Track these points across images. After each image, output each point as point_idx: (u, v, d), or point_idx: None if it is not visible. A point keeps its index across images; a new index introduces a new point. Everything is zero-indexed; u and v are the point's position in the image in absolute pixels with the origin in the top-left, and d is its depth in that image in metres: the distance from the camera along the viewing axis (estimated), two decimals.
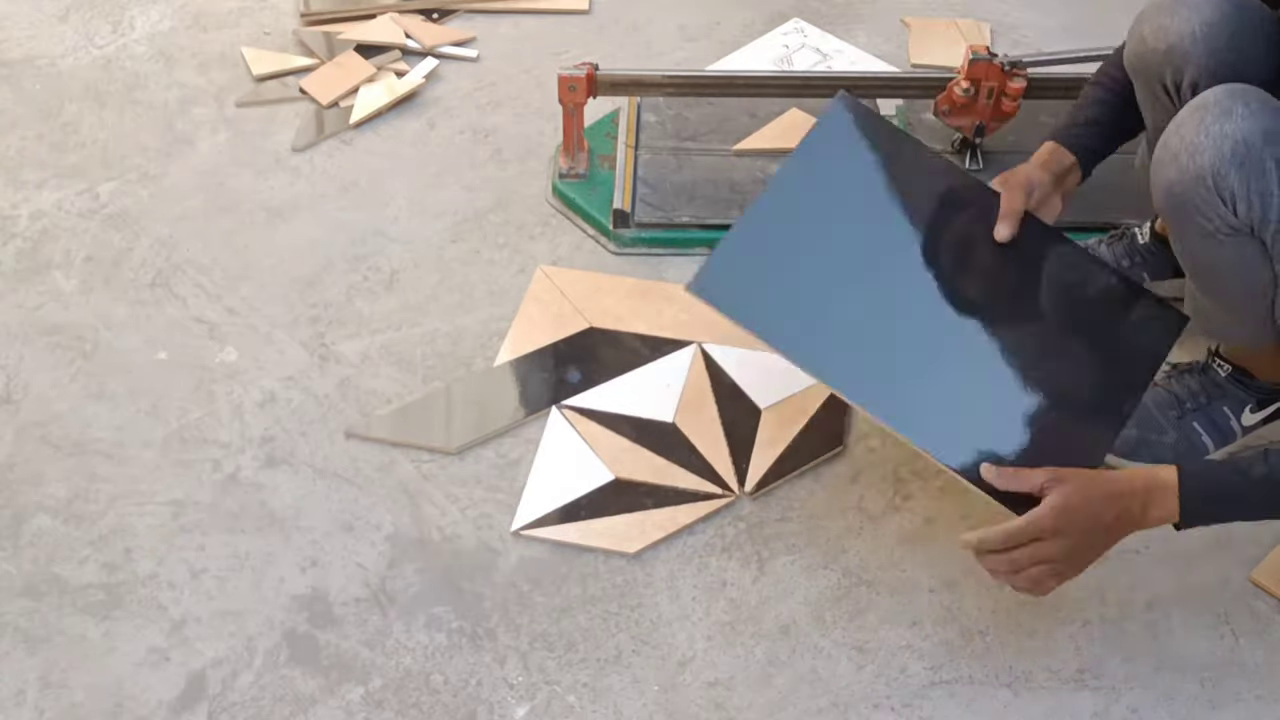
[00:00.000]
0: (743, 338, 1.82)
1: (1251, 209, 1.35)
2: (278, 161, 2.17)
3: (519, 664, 1.47)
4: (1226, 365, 1.66)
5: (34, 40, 2.44)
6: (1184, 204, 1.40)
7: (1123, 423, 1.42)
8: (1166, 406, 1.66)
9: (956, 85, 1.91)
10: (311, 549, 1.58)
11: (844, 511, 1.63)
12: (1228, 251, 1.41)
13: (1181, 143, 1.38)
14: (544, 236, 2.02)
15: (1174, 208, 1.41)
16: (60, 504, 1.63)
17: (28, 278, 1.95)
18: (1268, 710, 1.43)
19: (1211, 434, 1.66)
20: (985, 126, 1.97)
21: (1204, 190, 1.37)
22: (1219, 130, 1.35)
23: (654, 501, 1.62)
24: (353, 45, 2.38)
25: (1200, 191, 1.37)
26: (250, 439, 1.71)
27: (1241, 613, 1.51)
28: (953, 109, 1.94)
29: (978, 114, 1.94)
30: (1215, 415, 1.66)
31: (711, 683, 1.46)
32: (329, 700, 1.44)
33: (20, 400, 1.77)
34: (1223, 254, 1.42)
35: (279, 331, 1.86)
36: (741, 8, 2.51)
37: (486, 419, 1.73)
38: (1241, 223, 1.37)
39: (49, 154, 2.19)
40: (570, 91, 1.97)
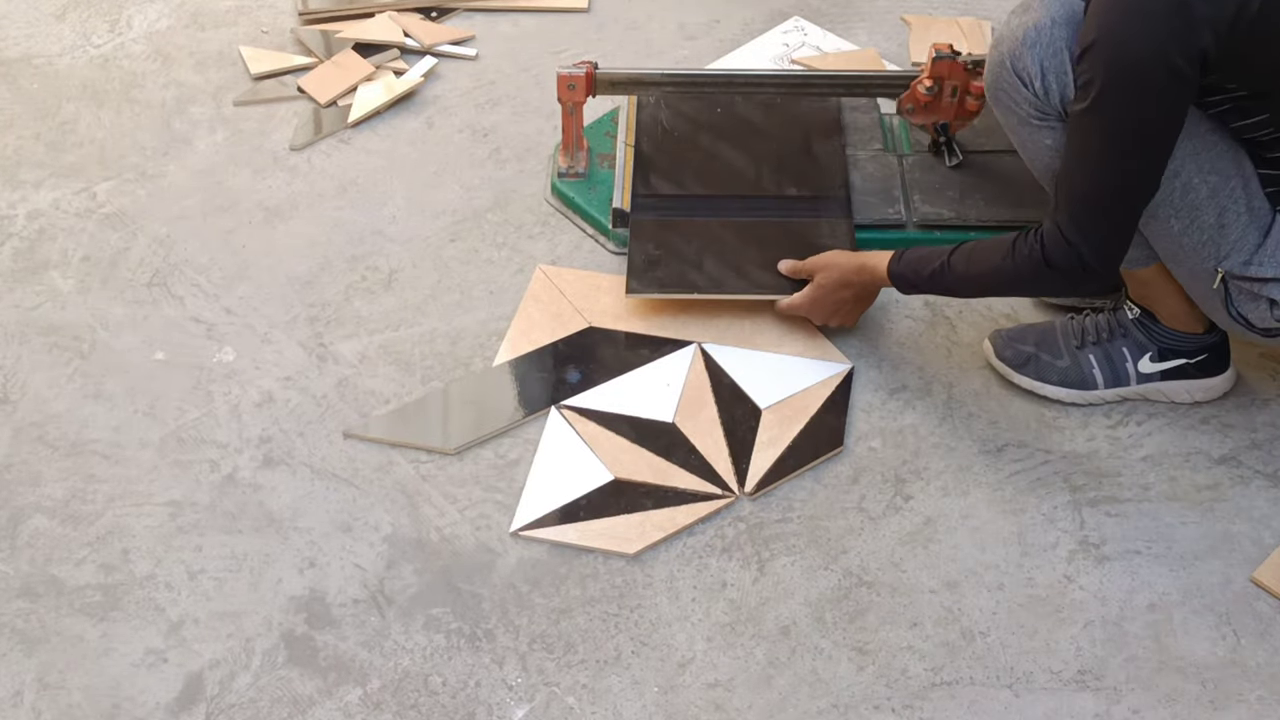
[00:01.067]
0: (743, 337, 1.82)
1: (1048, 86, 1.51)
2: (276, 161, 2.16)
3: (518, 665, 1.47)
4: (1136, 308, 1.72)
5: (31, 39, 2.43)
6: (996, 92, 1.58)
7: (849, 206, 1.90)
8: (1070, 335, 1.75)
9: (920, 84, 1.91)
10: (309, 550, 1.58)
11: (844, 512, 1.62)
12: (1047, 139, 1.56)
13: (994, 39, 1.58)
14: (543, 236, 2.01)
15: (992, 99, 1.60)
16: (57, 504, 1.63)
17: (25, 277, 1.95)
18: (1270, 711, 1.42)
19: (1104, 369, 1.72)
20: (949, 125, 1.97)
21: (1006, 74, 1.54)
22: (1018, 21, 1.53)
23: (653, 502, 1.62)
24: (351, 44, 2.38)
25: (1005, 76, 1.55)
26: (248, 439, 1.71)
27: (1243, 614, 1.51)
28: (916, 107, 1.94)
29: (942, 112, 1.95)
30: (1113, 353, 1.72)
31: (711, 684, 1.45)
32: (327, 702, 1.43)
33: (18, 400, 1.76)
34: (1044, 141, 1.56)
35: (277, 331, 1.86)
36: (741, 6, 2.50)
37: (485, 419, 1.72)
38: (1044, 102, 1.53)
39: (46, 153, 2.18)
40: (569, 90, 1.97)
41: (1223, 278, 1.54)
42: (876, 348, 1.83)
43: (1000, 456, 1.68)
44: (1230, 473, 1.66)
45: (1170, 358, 1.70)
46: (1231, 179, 1.50)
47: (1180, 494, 1.64)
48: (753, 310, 1.86)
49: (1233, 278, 1.54)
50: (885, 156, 2.06)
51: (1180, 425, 1.72)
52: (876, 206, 1.98)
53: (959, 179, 2.00)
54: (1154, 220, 1.54)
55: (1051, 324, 1.76)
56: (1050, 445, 1.70)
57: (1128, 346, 1.71)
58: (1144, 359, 1.71)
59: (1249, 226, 1.51)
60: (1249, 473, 1.66)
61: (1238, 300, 1.55)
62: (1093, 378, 1.72)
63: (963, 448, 1.69)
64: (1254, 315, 1.55)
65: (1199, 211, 1.51)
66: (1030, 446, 1.69)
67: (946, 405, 1.75)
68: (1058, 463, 1.67)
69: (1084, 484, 1.65)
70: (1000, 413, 1.74)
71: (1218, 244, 1.52)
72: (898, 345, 1.83)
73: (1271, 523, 1.60)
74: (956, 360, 1.81)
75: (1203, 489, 1.64)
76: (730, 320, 1.85)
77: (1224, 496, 1.63)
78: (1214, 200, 1.50)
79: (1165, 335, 1.70)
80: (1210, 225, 1.52)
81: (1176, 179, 1.50)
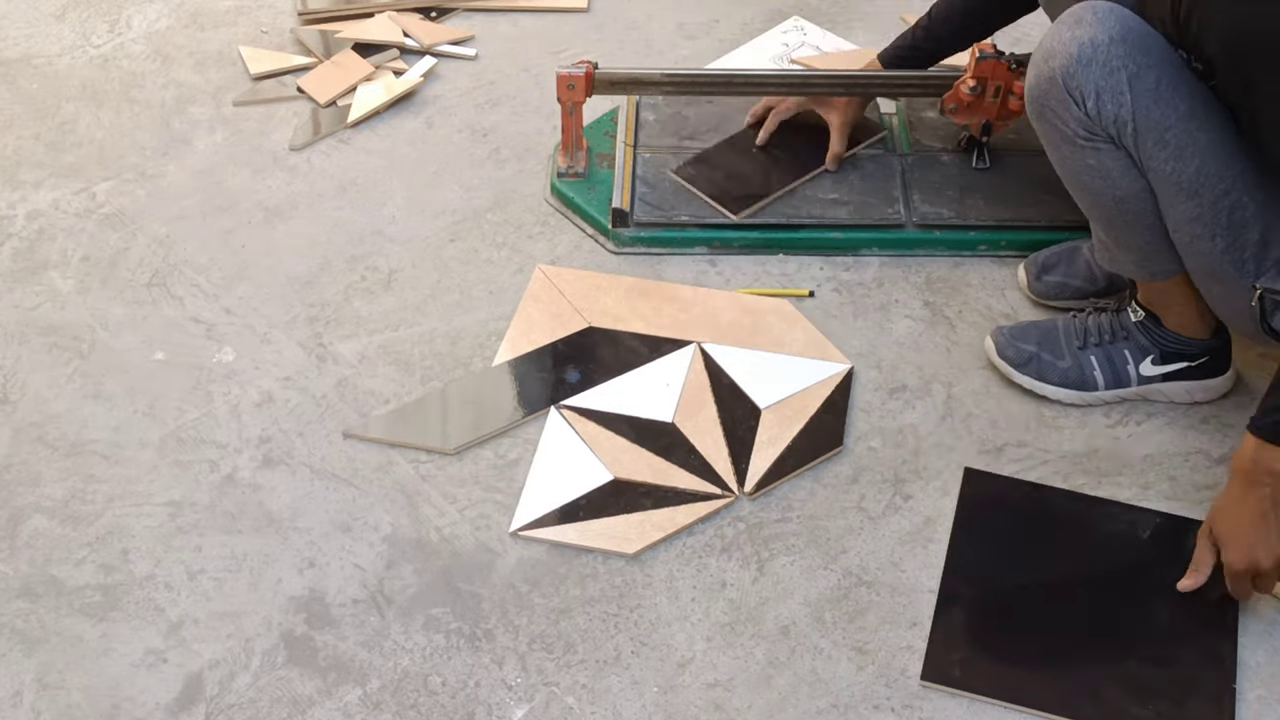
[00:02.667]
0: (742, 337, 1.82)
1: (1102, 106, 1.47)
2: (275, 161, 2.16)
3: (517, 665, 1.47)
4: (1140, 310, 1.71)
5: (31, 39, 2.43)
6: (1042, 107, 1.53)
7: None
8: (1072, 335, 1.74)
9: (964, 83, 1.91)
10: (309, 550, 1.58)
11: (844, 512, 1.62)
12: (1090, 159, 1.53)
13: (1040, 51, 1.52)
14: (543, 236, 2.01)
15: (1035, 113, 1.56)
16: (57, 505, 1.63)
17: (24, 278, 1.95)
18: (1269, 710, 1.42)
19: (1105, 370, 1.71)
20: (992, 125, 1.97)
21: (1057, 91, 1.50)
22: (1070, 35, 1.48)
23: (653, 502, 1.62)
24: (350, 44, 2.38)
25: (1054, 92, 1.50)
26: (248, 439, 1.71)
27: (1243, 612, 1.51)
28: (959, 107, 1.94)
29: (984, 112, 1.94)
30: (1114, 355, 1.71)
31: (711, 684, 1.45)
32: (326, 702, 1.43)
33: (17, 400, 1.76)
34: (1087, 162, 1.54)
35: (276, 331, 1.86)
36: (741, 6, 2.50)
37: (485, 419, 1.72)
38: (1094, 123, 1.48)
39: (46, 153, 2.18)
40: (569, 90, 1.97)
41: (1260, 294, 1.52)
42: (876, 348, 1.82)
43: (1000, 456, 1.68)
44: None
45: (1173, 360, 1.70)
46: (1274, 194, 1.49)
47: (1180, 493, 1.64)
48: (753, 310, 1.86)
49: (1270, 292, 1.52)
50: (885, 156, 2.06)
51: (1180, 425, 1.72)
52: (876, 206, 1.98)
53: (959, 179, 2.00)
54: (1198, 240, 1.52)
55: (1054, 323, 1.76)
56: (1049, 445, 1.70)
57: (1130, 349, 1.71)
58: (1146, 361, 1.71)
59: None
60: None
61: (1272, 316, 1.53)
62: (1093, 379, 1.72)
63: (962, 447, 1.69)
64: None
65: (1244, 230, 1.50)
66: (1030, 446, 1.69)
67: (946, 405, 1.75)
68: (1057, 462, 1.67)
69: (1083, 483, 1.65)
70: (999, 412, 1.74)
71: (1259, 261, 1.51)
72: (897, 345, 1.83)
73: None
74: (956, 360, 1.81)
75: (1202, 488, 1.64)
76: (730, 320, 1.85)
77: None
78: (1259, 218, 1.49)
79: (1169, 339, 1.69)
80: (1254, 243, 1.50)
81: (1226, 198, 1.48)
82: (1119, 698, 1.42)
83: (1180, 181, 1.49)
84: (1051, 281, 1.85)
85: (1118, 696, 1.42)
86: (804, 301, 1.89)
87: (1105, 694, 1.43)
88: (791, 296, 1.89)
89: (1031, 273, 1.87)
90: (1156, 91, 1.46)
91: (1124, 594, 1.52)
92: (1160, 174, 1.50)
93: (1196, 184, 1.48)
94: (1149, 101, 1.46)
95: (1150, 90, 1.46)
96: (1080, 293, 1.83)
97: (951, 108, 1.95)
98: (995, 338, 1.77)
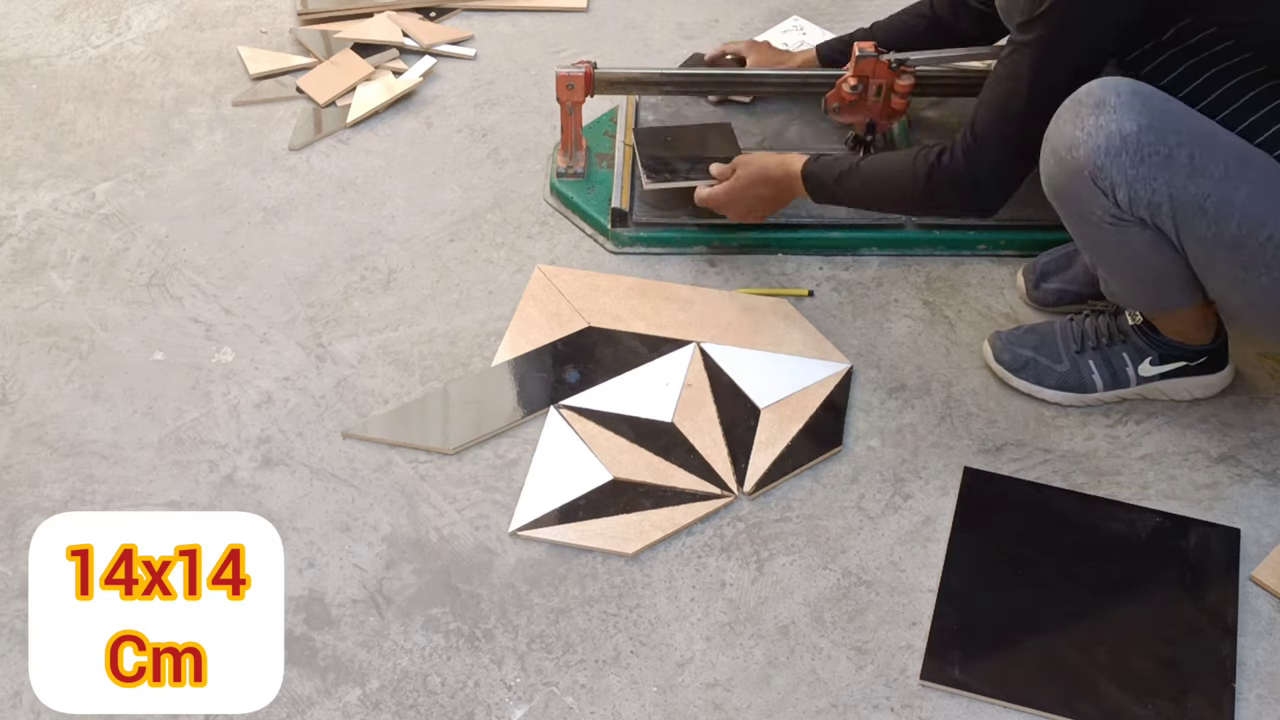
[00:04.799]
0: (741, 336, 1.82)
1: (1134, 195, 1.43)
2: (274, 161, 2.16)
3: (517, 665, 1.47)
4: (1137, 315, 1.70)
5: (30, 40, 2.43)
6: (1067, 197, 1.50)
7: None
8: (1069, 339, 1.73)
9: (844, 82, 1.92)
10: (308, 550, 1.58)
11: (843, 511, 1.62)
12: (1115, 238, 1.50)
13: (1060, 138, 1.46)
14: (542, 236, 2.01)
15: (1058, 201, 1.52)
16: (57, 505, 1.63)
17: (24, 278, 1.95)
18: (1269, 710, 1.42)
19: (1104, 373, 1.71)
20: (876, 124, 1.97)
21: (1083, 183, 1.45)
22: (1094, 124, 1.43)
23: (652, 502, 1.61)
24: (350, 44, 2.38)
25: (1080, 184, 1.46)
26: (247, 440, 1.71)
27: (1242, 611, 1.51)
28: (842, 106, 1.95)
29: (868, 111, 1.95)
30: (1112, 358, 1.71)
31: (710, 684, 1.45)
32: (326, 702, 1.43)
33: (16, 401, 1.76)
34: (1110, 240, 1.51)
35: (276, 332, 1.86)
36: (740, 5, 2.50)
37: (484, 419, 1.72)
38: (1125, 211, 1.45)
39: (45, 154, 2.18)
40: (568, 90, 1.96)
41: None
42: (875, 347, 1.82)
43: (999, 455, 1.68)
44: (1229, 471, 1.66)
45: (1171, 361, 1.70)
46: None
47: (1179, 492, 1.64)
48: (752, 310, 1.86)
49: None
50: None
51: (1179, 424, 1.72)
52: None
53: None
54: (1242, 283, 1.49)
55: (1051, 326, 1.76)
56: (1049, 444, 1.70)
57: (1128, 351, 1.70)
58: (1144, 363, 1.70)
59: None
60: (1248, 471, 1.66)
61: None
62: (1092, 382, 1.72)
63: (961, 447, 1.69)
64: None
65: None
66: (1029, 445, 1.69)
67: (945, 404, 1.75)
68: (1056, 462, 1.67)
69: (1083, 483, 1.64)
70: (999, 412, 1.74)
71: None
72: (896, 345, 1.83)
73: (1270, 521, 1.60)
74: (955, 359, 1.81)
75: (1201, 488, 1.64)
76: (729, 320, 1.85)
77: (1223, 495, 1.63)
78: None
79: (1167, 344, 1.69)
80: None
81: (1270, 241, 1.43)
82: (1118, 697, 1.42)
83: (1222, 241, 1.45)
84: (1050, 289, 1.85)
85: (1117, 696, 1.42)
86: (803, 301, 1.89)
87: (1104, 693, 1.43)
88: (791, 296, 1.90)
89: (1030, 280, 1.87)
90: (1191, 166, 1.42)
91: (1123, 593, 1.52)
92: (1202, 240, 1.46)
93: (1239, 237, 1.44)
94: (1184, 180, 1.42)
95: (1184, 167, 1.42)
96: (1079, 298, 1.83)
97: (835, 107, 1.96)
98: (992, 342, 1.77)
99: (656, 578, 1.55)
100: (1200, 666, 1.45)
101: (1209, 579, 1.53)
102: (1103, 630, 1.48)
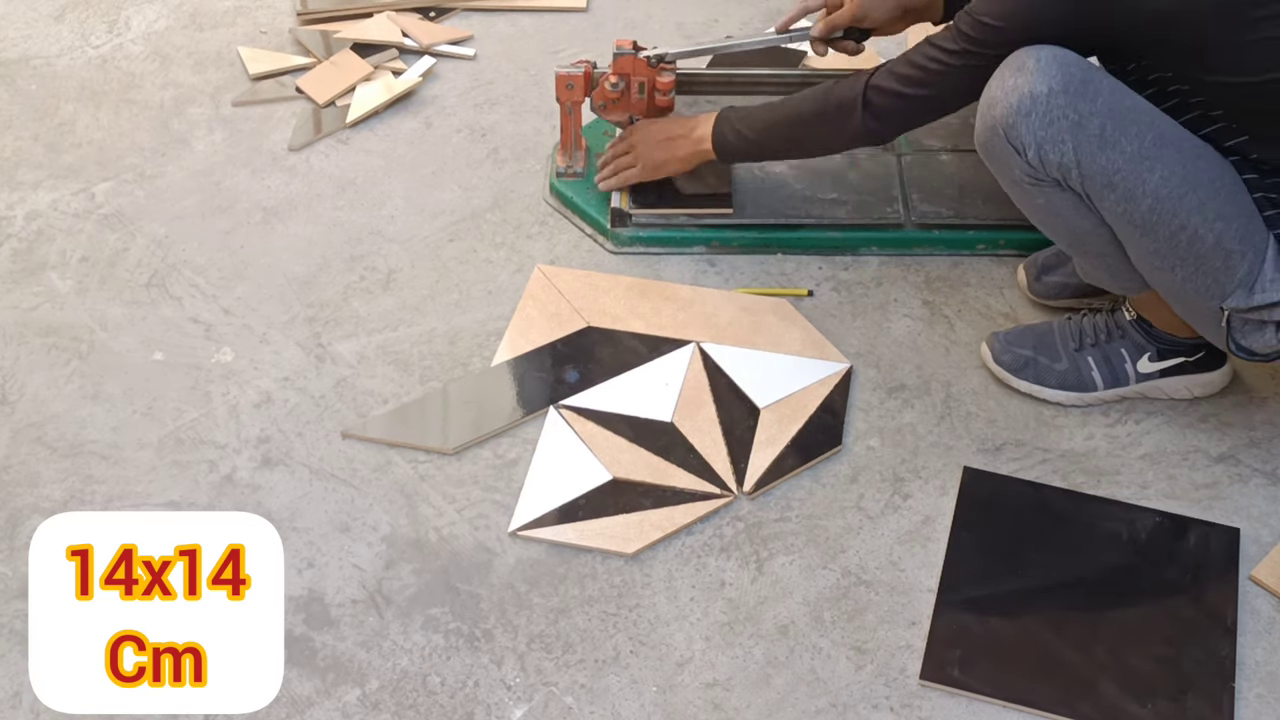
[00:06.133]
0: (741, 336, 1.82)
1: (1044, 157, 1.47)
2: (274, 161, 2.16)
3: (516, 665, 1.47)
4: (1133, 310, 1.71)
5: (29, 40, 2.43)
6: (989, 154, 1.54)
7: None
8: (1068, 337, 1.74)
9: (606, 80, 1.92)
10: (308, 550, 1.58)
11: (843, 511, 1.62)
12: (1040, 199, 1.54)
13: (987, 95, 1.51)
14: (541, 235, 2.01)
15: (984, 156, 1.56)
16: (56, 505, 1.63)
17: (23, 278, 1.95)
18: (1269, 710, 1.42)
19: (1103, 370, 1.71)
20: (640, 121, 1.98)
21: (999, 140, 1.50)
22: (1011, 84, 1.47)
23: (652, 501, 1.62)
24: (349, 44, 2.38)
25: (997, 141, 1.50)
26: (246, 440, 1.71)
27: (1242, 611, 1.51)
28: (608, 104, 1.95)
29: (633, 108, 1.96)
30: (1111, 354, 1.71)
31: (710, 683, 1.45)
32: (325, 702, 1.43)
33: (16, 401, 1.76)
34: (1037, 201, 1.55)
35: (275, 332, 1.86)
36: (739, 5, 2.50)
37: (484, 419, 1.72)
38: (1038, 170, 1.49)
39: (44, 154, 2.18)
40: (568, 90, 1.97)
41: (1228, 316, 1.52)
42: (875, 347, 1.83)
43: (999, 455, 1.68)
44: (1229, 471, 1.66)
45: (1169, 357, 1.70)
46: (1234, 220, 1.48)
47: (1179, 492, 1.64)
48: (751, 309, 1.86)
49: (1237, 313, 1.52)
50: (884, 156, 2.06)
51: (1179, 423, 1.72)
52: (875, 206, 1.98)
53: (958, 178, 2.00)
54: (1157, 270, 1.53)
55: (1049, 326, 1.76)
56: (1049, 444, 1.70)
57: (1126, 348, 1.71)
58: (1143, 359, 1.71)
59: (1252, 261, 1.49)
60: (1247, 471, 1.66)
61: (1240, 332, 1.53)
62: (1092, 380, 1.72)
63: (961, 446, 1.69)
64: (1258, 344, 1.54)
65: (1204, 259, 1.49)
66: (1029, 445, 1.69)
67: (945, 404, 1.75)
68: (1056, 461, 1.67)
69: (1082, 482, 1.65)
70: (998, 411, 1.74)
71: (1222, 285, 1.50)
72: (896, 344, 1.83)
73: (1270, 521, 1.60)
74: (955, 359, 1.81)
75: (1201, 487, 1.64)
76: (729, 319, 1.85)
77: (1222, 495, 1.63)
78: (1219, 246, 1.48)
79: (1162, 339, 1.69)
80: (1215, 269, 1.49)
81: (1183, 232, 1.47)
82: (1117, 696, 1.42)
83: (1133, 220, 1.49)
84: (1051, 282, 1.85)
85: (1116, 695, 1.42)
86: (803, 301, 1.89)
87: (1104, 693, 1.43)
88: (790, 296, 1.90)
89: (1031, 274, 1.87)
90: (1101, 138, 1.45)
91: (1122, 593, 1.52)
92: (1113, 214, 1.50)
93: (1150, 222, 1.47)
94: (1093, 149, 1.45)
95: (1094, 138, 1.45)
96: (1080, 291, 1.83)
97: (600, 105, 1.96)
98: (991, 343, 1.77)
99: (656, 577, 1.55)
100: (1200, 666, 1.45)
101: (1208, 578, 1.53)
102: (1102, 629, 1.48)
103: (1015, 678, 1.44)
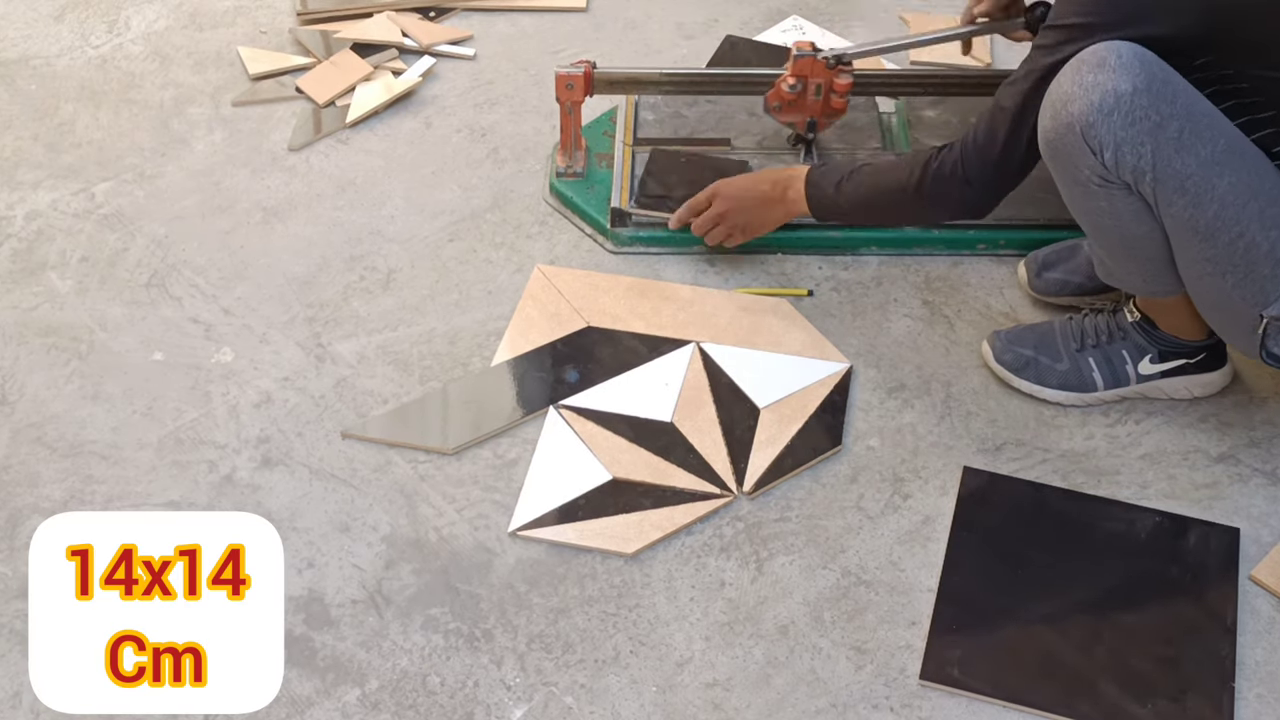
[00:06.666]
0: (741, 336, 1.82)
1: (1121, 158, 1.43)
2: (274, 161, 2.16)
3: (516, 665, 1.47)
4: (1136, 311, 1.70)
5: (29, 40, 2.43)
6: (1057, 152, 1.49)
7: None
8: (1069, 337, 1.73)
9: (784, 81, 1.92)
10: (308, 550, 1.58)
11: (843, 511, 1.62)
12: (1103, 202, 1.50)
13: (1059, 93, 1.46)
14: (541, 235, 2.01)
15: (1050, 156, 1.51)
16: (56, 505, 1.63)
17: (23, 278, 1.95)
18: (1269, 709, 1.42)
19: (1104, 371, 1.71)
20: (817, 123, 1.98)
21: (1074, 139, 1.45)
22: (1091, 80, 1.42)
23: (652, 501, 1.62)
24: (349, 44, 2.38)
25: (1070, 140, 1.45)
26: (246, 440, 1.71)
27: (1242, 611, 1.51)
28: (783, 105, 1.95)
29: (808, 110, 1.95)
30: (1112, 355, 1.71)
31: (710, 683, 1.45)
32: (325, 702, 1.43)
33: (15, 401, 1.76)
34: (1098, 204, 1.51)
35: (275, 332, 1.86)
36: (739, 5, 2.50)
37: (484, 419, 1.72)
38: (1111, 173, 1.45)
39: (44, 154, 2.18)
40: (568, 90, 1.96)
41: (1266, 323, 1.50)
42: (875, 347, 1.82)
43: (999, 455, 1.68)
44: (1229, 471, 1.66)
45: (1170, 359, 1.70)
46: None
47: (1179, 492, 1.64)
48: (751, 309, 1.86)
49: (1275, 320, 1.50)
50: (884, 155, 2.06)
51: (1179, 423, 1.72)
52: None
53: None
54: (1206, 276, 1.51)
55: (1050, 325, 1.76)
56: (1049, 444, 1.70)
57: (1127, 349, 1.71)
58: (1144, 361, 1.70)
59: None
60: (1247, 471, 1.66)
61: (1275, 340, 1.52)
62: (1092, 380, 1.72)
63: (961, 446, 1.69)
64: None
65: (1255, 266, 1.47)
66: (1029, 445, 1.69)
67: (945, 404, 1.75)
68: (1056, 461, 1.67)
69: (1082, 482, 1.65)
70: (998, 411, 1.74)
71: (1267, 293, 1.48)
72: (896, 344, 1.83)
73: (1270, 521, 1.60)
74: (955, 359, 1.81)
75: (1201, 487, 1.64)
76: (729, 319, 1.85)
77: (1222, 495, 1.63)
78: (1271, 254, 1.46)
79: (1165, 340, 1.69)
80: (1264, 276, 1.48)
81: (1241, 240, 1.45)
82: (1118, 696, 1.42)
83: (1196, 226, 1.46)
84: (1052, 279, 1.85)
85: (1116, 695, 1.42)
86: (803, 301, 1.89)
87: (1104, 693, 1.43)
88: (790, 296, 1.90)
89: (1032, 270, 1.87)
90: (1179, 141, 1.42)
91: (1122, 592, 1.52)
92: (1177, 219, 1.47)
93: (1213, 228, 1.46)
94: (1170, 152, 1.42)
95: (1172, 140, 1.42)
96: (1081, 289, 1.83)
97: (775, 106, 1.96)
98: (992, 343, 1.77)
99: (656, 577, 1.55)
100: (1200, 666, 1.45)
101: (1208, 578, 1.53)
102: (1102, 629, 1.48)
103: (1015, 678, 1.44)
